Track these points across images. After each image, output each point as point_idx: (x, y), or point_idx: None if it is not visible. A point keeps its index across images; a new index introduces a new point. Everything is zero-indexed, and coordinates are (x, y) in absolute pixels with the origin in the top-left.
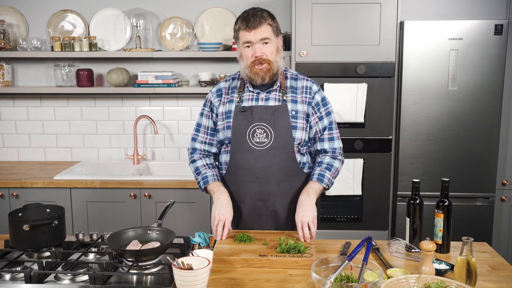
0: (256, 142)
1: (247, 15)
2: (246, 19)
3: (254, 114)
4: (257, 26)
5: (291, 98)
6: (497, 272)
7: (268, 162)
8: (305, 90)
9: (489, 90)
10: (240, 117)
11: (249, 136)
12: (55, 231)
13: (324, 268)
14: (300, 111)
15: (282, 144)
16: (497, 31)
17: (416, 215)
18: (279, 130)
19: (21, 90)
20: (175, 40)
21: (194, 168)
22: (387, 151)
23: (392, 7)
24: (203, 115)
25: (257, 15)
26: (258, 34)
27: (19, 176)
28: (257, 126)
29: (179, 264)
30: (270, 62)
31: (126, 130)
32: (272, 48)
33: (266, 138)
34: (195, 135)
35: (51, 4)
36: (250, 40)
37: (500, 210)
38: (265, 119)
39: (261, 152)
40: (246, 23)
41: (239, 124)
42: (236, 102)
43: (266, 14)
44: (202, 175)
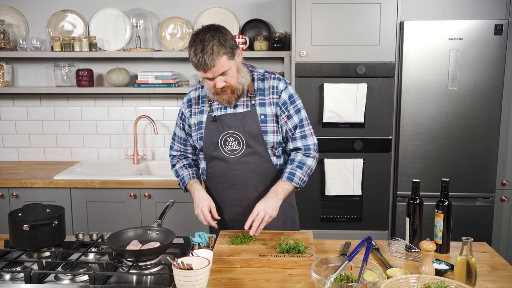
0: (229, 150)
1: (198, 56)
2: (199, 62)
3: (224, 123)
4: (211, 66)
5: (259, 102)
6: (497, 272)
7: (243, 169)
8: (272, 91)
9: (489, 90)
10: (211, 126)
11: (221, 144)
12: (55, 231)
13: (324, 268)
14: (269, 114)
15: (255, 150)
16: (497, 31)
17: (416, 215)
18: (250, 136)
19: (21, 90)
20: (175, 40)
21: (174, 172)
22: (387, 151)
23: (392, 7)
24: (177, 125)
25: (207, 52)
26: (215, 72)
27: (19, 176)
28: (228, 135)
29: (179, 264)
30: (234, 88)
31: (126, 130)
32: (232, 74)
33: (238, 146)
34: (172, 143)
35: (51, 4)
36: (208, 77)
37: (500, 210)
38: (235, 127)
39: (235, 159)
40: (200, 65)
41: (210, 134)
42: (207, 112)
43: (217, 44)
44: (180, 177)
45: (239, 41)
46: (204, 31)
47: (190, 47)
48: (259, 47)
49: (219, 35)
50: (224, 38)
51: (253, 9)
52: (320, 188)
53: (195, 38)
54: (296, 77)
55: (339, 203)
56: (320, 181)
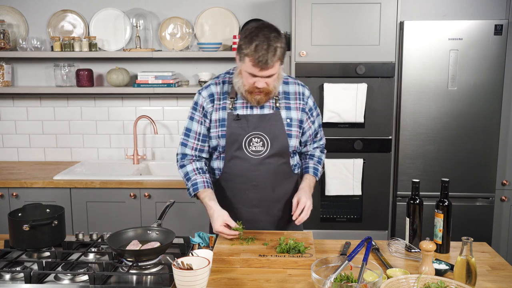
0: (252, 151)
1: (261, 53)
2: (259, 58)
3: (250, 123)
4: (270, 66)
5: (284, 105)
6: (496, 272)
7: (265, 170)
8: (298, 96)
9: (489, 90)
10: (235, 125)
11: (246, 145)
12: (55, 231)
13: (324, 268)
14: (295, 119)
15: (278, 152)
16: (497, 31)
17: (416, 215)
18: (275, 139)
19: (21, 90)
20: (175, 40)
21: (183, 173)
22: (387, 151)
23: (392, 7)
24: (193, 120)
25: (271, 52)
26: (266, 73)
27: (19, 176)
28: (253, 135)
29: (179, 264)
30: (269, 91)
31: (126, 130)
32: (274, 78)
33: (263, 147)
34: (185, 140)
35: (51, 4)
36: (256, 75)
37: (500, 210)
38: (261, 128)
39: (257, 160)
40: (258, 62)
41: (234, 133)
42: (228, 109)
43: (280, 48)
44: (191, 181)
45: None
46: (268, 29)
47: (251, 39)
48: None
49: (281, 40)
50: (284, 43)
51: (253, 9)
52: (320, 188)
53: (258, 33)
54: (296, 77)
55: (339, 203)
56: (320, 181)
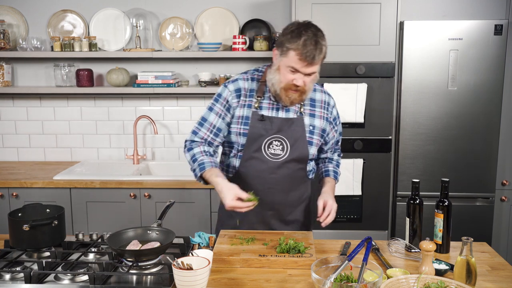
0: (271, 154)
1: (309, 48)
2: (308, 53)
3: (273, 125)
4: (315, 63)
5: (309, 112)
6: (496, 272)
7: (281, 174)
8: (324, 105)
9: (489, 90)
10: (258, 125)
11: (265, 147)
12: (55, 231)
13: (324, 268)
14: (317, 127)
15: (297, 158)
16: (497, 31)
17: (416, 215)
18: (296, 144)
19: (20, 90)
20: (175, 40)
21: (190, 155)
22: (387, 151)
23: (392, 7)
24: (212, 111)
25: (318, 48)
26: (310, 70)
27: (19, 176)
28: (274, 138)
29: (179, 264)
30: (305, 91)
31: (126, 130)
32: (312, 78)
33: (282, 151)
34: (197, 129)
35: (51, 4)
36: (299, 71)
37: (500, 210)
38: (283, 132)
39: (275, 163)
40: (305, 57)
41: (256, 134)
42: (253, 107)
43: (325, 46)
44: (198, 161)
45: (238, 41)
46: (314, 27)
47: (299, 33)
48: (259, 47)
49: (326, 40)
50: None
51: (253, 9)
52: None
53: (307, 29)
54: None
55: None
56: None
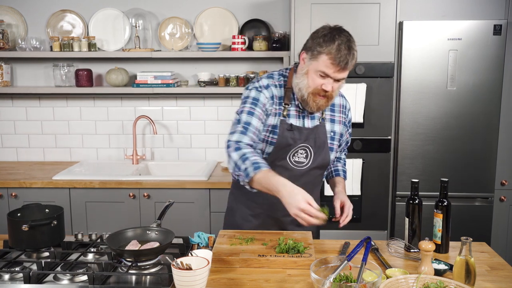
0: (295, 162)
1: (343, 52)
2: (341, 58)
3: (302, 136)
4: (347, 68)
5: (329, 117)
6: (496, 272)
7: (304, 181)
8: (341, 109)
9: (488, 90)
10: (287, 135)
11: (290, 155)
12: (54, 231)
13: (323, 268)
14: (337, 133)
15: (319, 165)
16: (496, 31)
17: (415, 215)
18: (318, 151)
19: (20, 90)
20: (174, 40)
21: (239, 155)
22: (386, 151)
23: (391, 7)
24: (253, 115)
25: (351, 54)
26: (340, 75)
27: (18, 176)
28: (301, 147)
29: (178, 264)
30: (332, 97)
31: (125, 130)
32: (339, 85)
33: (305, 159)
34: (243, 131)
35: (50, 4)
36: (330, 76)
37: (499, 210)
38: (309, 140)
39: (299, 171)
40: (339, 62)
41: (284, 143)
42: (282, 116)
43: (356, 52)
44: (251, 160)
45: (238, 41)
46: (346, 32)
47: (333, 38)
48: (258, 47)
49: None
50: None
51: (253, 9)
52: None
53: (340, 33)
54: None
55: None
56: None
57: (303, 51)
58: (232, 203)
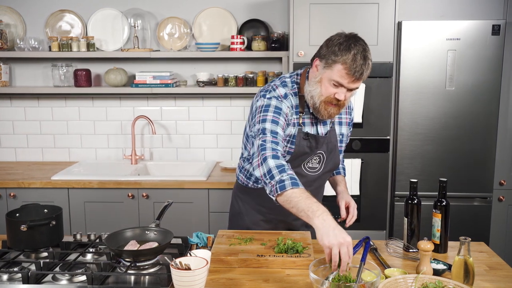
0: (308, 167)
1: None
2: (356, 69)
3: (318, 144)
4: (362, 79)
5: (338, 120)
6: (494, 272)
7: (316, 185)
8: (348, 111)
9: (486, 90)
10: (303, 144)
11: (305, 162)
12: (52, 232)
13: (322, 268)
14: (345, 134)
15: (331, 169)
16: (495, 31)
17: (414, 215)
18: (330, 156)
19: (18, 90)
20: (173, 40)
21: (277, 163)
22: (385, 151)
23: (390, 7)
24: (278, 125)
25: (366, 64)
26: (354, 85)
27: (16, 177)
28: (317, 154)
29: (177, 264)
30: (343, 105)
31: (124, 130)
32: (353, 93)
33: (318, 164)
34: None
35: (48, 4)
36: (344, 85)
37: (498, 210)
38: (323, 147)
39: (312, 177)
40: (354, 73)
41: (301, 152)
42: (298, 125)
43: (371, 63)
44: (288, 174)
45: (237, 41)
46: (362, 40)
47: (349, 47)
48: (257, 47)
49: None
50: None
51: (251, 9)
52: None
53: (356, 42)
54: None
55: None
56: None
57: (317, 58)
58: (239, 207)
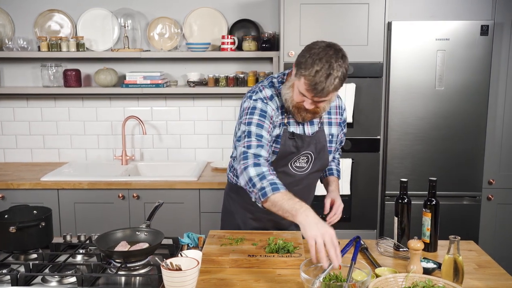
0: (296, 167)
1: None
2: (316, 85)
3: (304, 143)
4: (323, 95)
5: (327, 121)
6: (483, 270)
7: (304, 185)
8: (338, 111)
9: (475, 90)
10: (289, 143)
11: (292, 162)
12: (42, 233)
13: (313, 268)
14: (335, 135)
15: (318, 168)
16: (483, 31)
17: (404, 214)
18: (319, 156)
19: (7, 91)
20: (164, 40)
21: (257, 172)
22: (376, 151)
23: (380, 7)
24: (263, 128)
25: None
26: (319, 99)
27: (5, 178)
28: (303, 154)
29: (168, 265)
30: (318, 112)
31: (114, 130)
32: (327, 103)
33: (306, 164)
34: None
35: (37, 3)
36: (309, 98)
37: (487, 209)
38: (310, 147)
39: (300, 176)
40: (314, 88)
41: (287, 152)
42: (283, 125)
43: (341, 78)
44: (268, 180)
45: (227, 41)
46: (334, 53)
47: (314, 62)
48: (247, 47)
49: (344, 67)
50: (346, 70)
51: (242, 9)
52: None
53: (322, 55)
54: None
55: None
56: None
57: (294, 63)
58: (230, 206)
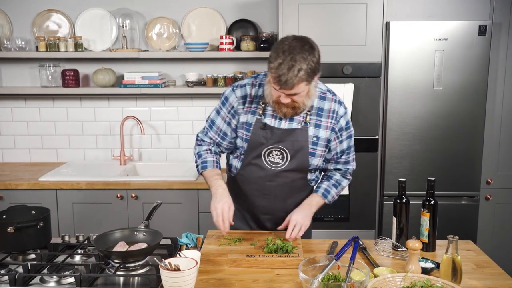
0: (270, 162)
1: (281, 72)
2: (279, 78)
3: (274, 136)
4: (289, 88)
5: (315, 122)
6: (481, 270)
7: (279, 182)
8: (331, 115)
9: (473, 90)
10: (259, 133)
11: (265, 155)
12: (40, 233)
13: (311, 267)
14: (322, 138)
15: (297, 168)
16: (481, 31)
17: (402, 214)
18: (296, 155)
19: (5, 91)
20: (162, 40)
21: (197, 151)
22: (374, 150)
23: (378, 8)
24: (219, 115)
25: (292, 72)
26: (287, 92)
27: (3, 178)
28: (274, 148)
29: (167, 265)
30: (296, 106)
31: (113, 130)
32: (301, 95)
33: (281, 160)
34: (206, 130)
35: (35, 3)
36: (278, 91)
37: (485, 209)
38: (285, 142)
39: (273, 171)
40: (278, 81)
41: (256, 142)
42: (258, 114)
43: (305, 70)
44: (202, 158)
45: (225, 41)
46: (298, 46)
47: (278, 55)
48: (246, 47)
49: (310, 58)
50: (313, 62)
51: (240, 10)
52: None
53: (286, 48)
54: None
55: None
56: None
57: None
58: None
